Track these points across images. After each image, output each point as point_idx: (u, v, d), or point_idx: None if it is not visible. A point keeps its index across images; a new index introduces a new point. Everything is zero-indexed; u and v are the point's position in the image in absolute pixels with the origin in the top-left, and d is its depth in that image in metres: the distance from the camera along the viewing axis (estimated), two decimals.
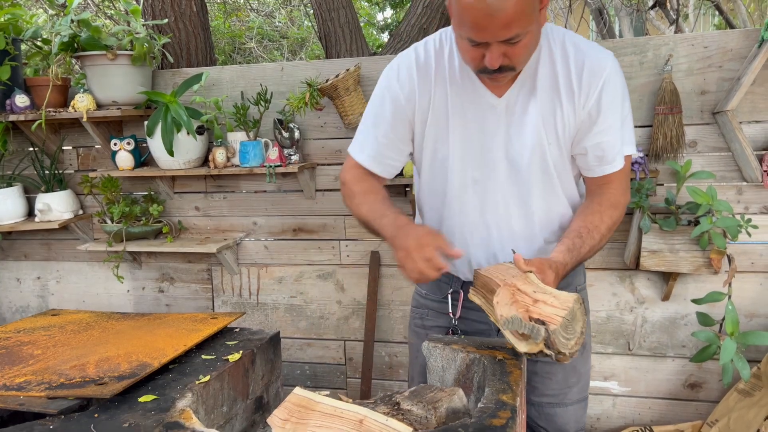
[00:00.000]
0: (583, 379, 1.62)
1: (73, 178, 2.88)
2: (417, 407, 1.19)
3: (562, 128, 1.38)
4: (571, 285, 1.58)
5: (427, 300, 1.66)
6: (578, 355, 1.58)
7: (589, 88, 1.34)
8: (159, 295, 2.91)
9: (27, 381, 1.22)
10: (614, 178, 1.42)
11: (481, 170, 1.43)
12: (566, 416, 1.59)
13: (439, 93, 1.40)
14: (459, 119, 1.40)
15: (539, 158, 1.40)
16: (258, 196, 2.73)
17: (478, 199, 1.45)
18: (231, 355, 1.42)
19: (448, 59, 1.40)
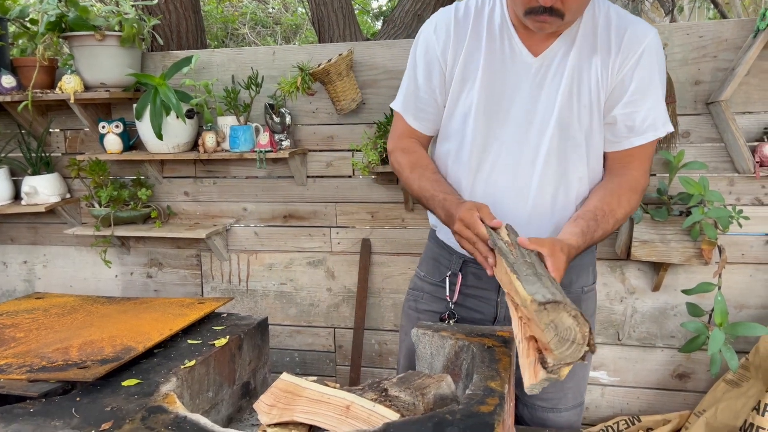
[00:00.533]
0: (580, 383, 1.57)
1: (61, 161, 2.84)
2: (405, 394, 1.18)
3: (598, 94, 1.35)
4: (576, 284, 1.53)
5: (425, 282, 1.62)
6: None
7: (627, 53, 1.32)
8: (147, 281, 2.89)
9: (8, 364, 1.20)
10: (638, 155, 1.39)
11: (505, 128, 1.39)
12: (559, 422, 1.55)
13: (473, 49, 1.38)
14: (488, 76, 1.37)
15: (565, 122, 1.36)
16: (248, 182, 2.71)
17: (498, 157, 1.41)
18: (218, 340, 1.40)
19: (488, 16, 1.39)
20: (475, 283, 1.54)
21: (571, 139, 1.37)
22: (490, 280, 1.49)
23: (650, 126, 1.36)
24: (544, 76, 1.36)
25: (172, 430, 0.97)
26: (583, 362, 1.02)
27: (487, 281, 1.52)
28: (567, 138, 1.37)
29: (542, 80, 1.36)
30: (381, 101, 2.48)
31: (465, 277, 1.54)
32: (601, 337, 2.45)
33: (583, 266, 1.54)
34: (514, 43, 1.36)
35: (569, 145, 1.38)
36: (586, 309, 1.55)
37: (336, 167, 2.60)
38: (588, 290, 1.56)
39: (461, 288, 1.54)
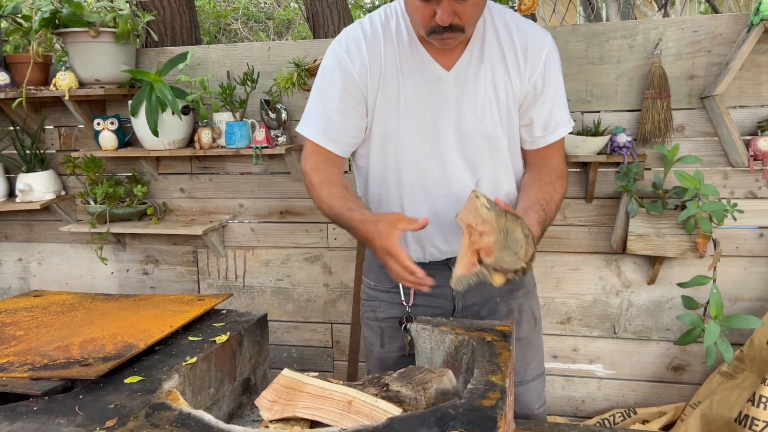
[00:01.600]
0: (539, 353, 1.64)
1: (55, 158, 2.83)
2: (406, 388, 1.19)
3: (513, 99, 1.42)
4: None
5: (377, 291, 1.61)
6: (531, 330, 1.60)
7: (534, 60, 1.39)
8: (144, 278, 2.88)
9: (9, 362, 1.20)
10: (556, 149, 1.50)
11: (432, 143, 1.42)
12: (529, 394, 1.60)
13: (389, 66, 1.38)
14: (410, 92, 1.39)
15: (490, 131, 1.42)
16: (244, 178, 2.70)
17: (429, 172, 1.45)
18: (218, 336, 1.40)
19: (396, 32, 1.39)
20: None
21: (497, 144, 1.45)
22: (443, 277, 1.46)
23: (560, 124, 1.47)
24: (463, 90, 1.40)
25: (177, 427, 0.97)
26: (515, 278, 1.15)
27: (440, 278, 1.47)
28: (493, 144, 1.44)
29: (460, 93, 1.40)
30: None
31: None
32: (597, 330, 2.47)
33: None
34: (425, 59, 1.39)
35: (496, 150, 1.46)
36: (529, 282, 1.64)
37: None
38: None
39: (415, 290, 1.54)
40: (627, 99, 2.28)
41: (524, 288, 1.60)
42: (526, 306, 1.60)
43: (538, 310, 1.66)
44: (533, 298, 1.64)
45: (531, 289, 1.64)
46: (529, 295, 1.62)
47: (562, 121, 1.47)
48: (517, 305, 1.58)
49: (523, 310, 1.59)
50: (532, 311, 1.62)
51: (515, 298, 1.58)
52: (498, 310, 1.57)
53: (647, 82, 2.21)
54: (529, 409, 1.59)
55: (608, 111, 2.31)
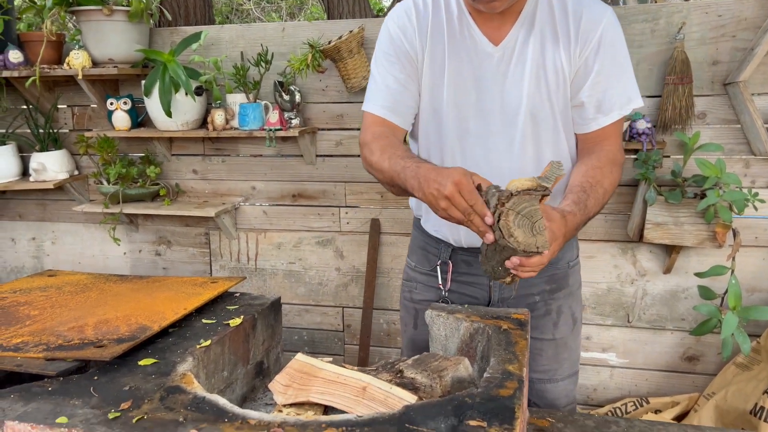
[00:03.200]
0: (573, 354, 1.60)
1: (69, 138, 2.83)
2: (421, 375, 1.18)
3: (563, 77, 1.35)
4: (563, 260, 1.55)
5: (416, 273, 1.63)
6: (569, 332, 1.57)
7: (586, 38, 1.32)
8: (156, 258, 2.88)
9: (24, 342, 1.20)
10: (611, 133, 1.39)
11: (476, 120, 1.39)
12: (556, 392, 1.58)
13: (436, 41, 1.37)
14: (454, 68, 1.36)
15: (536, 109, 1.36)
16: (257, 160, 2.69)
17: (472, 150, 1.41)
18: (232, 319, 1.40)
19: (445, 8, 1.38)
20: (467, 270, 1.55)
21: (543, 123, 1.38)
22: (480, 266, 1.49)
23: (616, 105, 1.36)
24: (507, 65, 1.35)
25: (192, 410, 0.97)
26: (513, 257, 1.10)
27: (478, 267, 1.53)
28: (539, 123, 1.38)
29: (506, 69, 1.35)
30: None
31: (456, 265, 1.55)
32: (611, 318, 2.44)
33: (568, 243, 1.56)
34: (474, 33, 1.36)
35: (542, 130, 1.39)
36: (573, 283, 1.58)
37: (346, 146, 2.58)
38: (573, 264, 1.59)
39: (453, 276, 1.55)
40: (647, 84, 2.23)
41: (567, 289, 1.55)
42: (566, 307, 1.55)
43: (580, 312, 1.61)
44: (575, 300, 1.59)
45: (574, 291, 1.58)
46: (572, 297, 1.57)
47: (618, 102, 1.36)
48: (556, 306, 1.54)
49: (563, 311, 1.55)
50: (572, 312, 1.57)
51: (555, 299, 1.54)
52: (536, 308, 1.53)
53: (669, 68, 2.16)
54: (555, 406, 1.58)
55: None
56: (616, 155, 1.38)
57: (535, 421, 1.37)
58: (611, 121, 1.37)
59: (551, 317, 1.55)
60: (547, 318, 1.55)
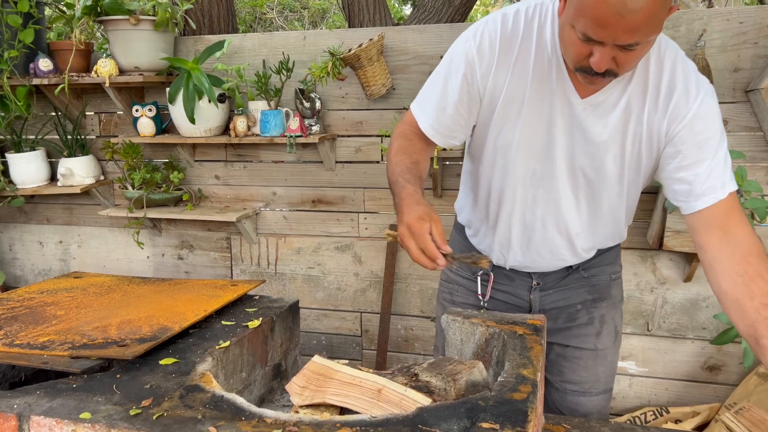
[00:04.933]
0: (611, 368, 1.59)
1: (95, 144, 2.90)
2: (436, 379, 1.19)
3: (644, 144, 1.27)
4: (605, 272, 1.54)
5: (458, 276, 1.63)
6: (611, 343, 1.56)
7: (675, 117, 1.23)
8: (178, 262, 2.93)
9: (50, 340, 1.24)
10: (724, 214, 1.21)
11: (542, 165, 1.34)
12: (590, 406, 1.56)
13: (519, 77, 1.27)
14: (533, 108, 1.28)
15: (605, 170, 1.31)
16: (278, 166, 2.73)
17: (530, 192, 1.38)
18: (251, 321, 1.42)
19: (537, 36, 1.25)
20: (507, 282, 1.56)
21: (608, 183, 1.34)
22: (522, 282, 1.53)
23: (709, 188, 1.22)
24: (588, 120, 1.27)
25: (210, 409, 0.99)
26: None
27: (520, 282, 1.54)
28: (604, 184, 1.34)
29: (585, 124, 1.28)
30: (411, 87, 2.47)
31: (497, 277, 1.55)
32: (630, 327, 2.43)
33: (610, 257, 1.56)
34: (563, 78, 1.25)
35: (605, 190, 1.35)
36: (615, 294, 1.57)
37: (365, 152, 2.60)
38: (616, 278, 1.58)
39: (493, 285, 1.56)
40: None
41: (610, 300, 1.55)
42: (608, 318, 1.55)
43: (621, 325, 1.60)
44: (618, 312, 1.57)
45: (617, 303, 1.57)
46: (614, 308, 1.56)
47: (713, 186, 1.22)
48: (599, 315, 1.53)
49: (606, 321, 1.54)
50: (615, 324, 1.56)
51: (598, 308, 1.53)
52: (577, 317, 1.53)
53: None
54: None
55: None
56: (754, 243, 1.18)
57: (551, 428, 1.37)
58: (703, 206, 1.22)
59: (594, 326, 1.54)
60: (589, 327, 1.53)
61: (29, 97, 2.69)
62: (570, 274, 1.52)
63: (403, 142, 1.38)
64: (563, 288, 1.53)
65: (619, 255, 1.61)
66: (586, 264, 1.52)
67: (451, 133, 1.36)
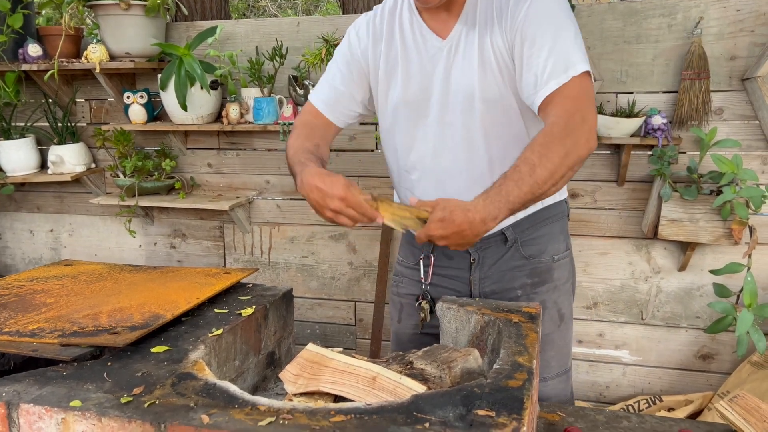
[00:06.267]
0: (561, 352, 1.57)
1: (86, 131, 2.86)
2: (431, 366, 1.18)
3: (503, 61, 1.35)
4: (546, 253, 1.52)
5: (403, 267, 1.65)
6: (554, 328, 1.54)
7: (514, 13, 1.31)
8: (171, 251, 2.91)
9: (40, 328, 1.22)
10: (555, 100, 1.25)
11: (434, 111, 1.42)
12: (545, 391, 1.55)
13: (390, 45, 1.46)
14: (407, 65, 1.44)
15: (488, 95, 1.37)
16: (271, 155, 2.70)
17: (427, 142, 1.45)
18: (244, 309, 1.41)
19: (399, 14, 1.46)
20: (447, 263, 1.56)
21: (501, 111, 1.39)
22: (461, 259, 1.55)
23: (551, 74, 1.26)
24: (455, 56, 1.38)
25: (203, 396, 0.98)
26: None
27: (459, 261, 1.55)
28: (496, 111, 1.38)
29: (453, 60, 1.39)
30: None
31: (437, 259, 1.56)
32: (624, 316, 2.43)
33: (552, 234, 1.55)
34: (423, 30, 1.42)
35: (501, 118, 1.39)
36: (559, 277, 1.55)
37: (359, 141, 2.58)
38: (559, 258, 1.55)
39: (434, 269, 1.55)
40: (664, 80, 2.21)
41: (551, 283, 1.53)
42: (550, 302, 1.53)
43: (568, 308, 1.57)
44: (562, 295, 1.56)
45: (560, 285, 1.55)
46: (557, 291, 1.55)
47: (554, 71, 1.25)
48: (539, 300, 1.52)
49: (547, 306, 1.53)
50: (558, 308, 1.55)
51: (538, 293, 1.52)
52: (518, 302, 1.53)
53: (686, 63, 2.14)
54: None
55: (644, 92, 2.24)
56: (555, 123, 1.22)
57: (546, 415, 1.37)
58: (548, 92, 1.26)
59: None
60: None
61: (18, 83, 2.65)
62: (508, 251, 1.52)
63: (303, 129, 1.51)
64: (503, 269, 1.52)
65: (563, 232, 1.58)
66: (524, 238, 1.51)
67: (342, 109, 1.53)
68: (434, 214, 1.19)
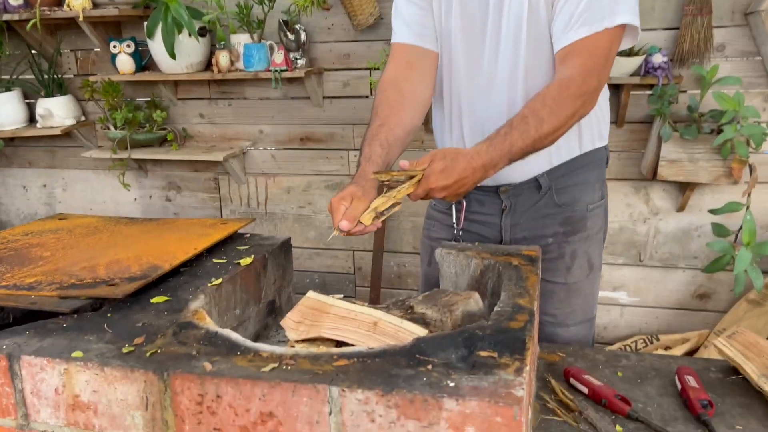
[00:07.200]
0: (588, 300, 1.56)
1: (73, 83, 2.80)
2: (431, 311, 1.18)
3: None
4: (580, 202, 1.49)
5: (435, 211, 1.62)
6: (583, 277, 1.52)
7: None
8: (166, 204, 2.89)
9: (37, 281, 1.21)
10: (577, 50, 1.21)
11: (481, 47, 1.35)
12: (567, 336, 1.54)
13: None
14: None
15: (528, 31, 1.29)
16: (263, 103, 2.65)
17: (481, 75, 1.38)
18: (243, 259, 1.40)
19: None
20: (478, 209, 1.54)
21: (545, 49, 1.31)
22: (492, 205, 1.51)
23: (585, 20, 1.19)
24: None
25: (204, 344, 0.97)
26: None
27: (490, 207, 1.51)
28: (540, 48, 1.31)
29: None
30: None
31: (469, 204, 1.53)
32: (622, 258, 2.44)
33: (588, 183, 1.49)
34: None
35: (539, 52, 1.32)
36: (592, 226, 1.51)
37: (353, 87, 2.53)
38: (594, 207, 1.51)
39: (466, 215, 1.52)
40: (664, 16, 2.15)
41: (583, 233, 1.49)
42: (581, 252, 1.50)
43: (598, 258, 1.54)
44: (593, 243, 1.52)
45: (593, 235, 1.51)
46: (589, 240, 1.51)
47: (593, 16, 1.18)
48: (570, 250, 1.49)
49: (577, 256, 1.50)
50: (588, 257, 1.52)
51: (569, 242, 1.49)
52: (548, 251, 1.49)
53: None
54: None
55: (643, 29, 2.15)
56: (572, 79, 1.20)
57: (546, 356, 1.38)
58: (575, 38, 1.19)
59: (564, 261, 1.50)
60: (560, 261, 1.50)
61: (1, 34, 2.57)
62: (542, 198, 1.48)
63: (379, 96, 1.39)
64: (535, 216, 1.50)
65: (600, 180, 1.54)
66: (559, 186, 1.47)
67: (430, 32, 1.39)
68: (433, 165, 1.16)
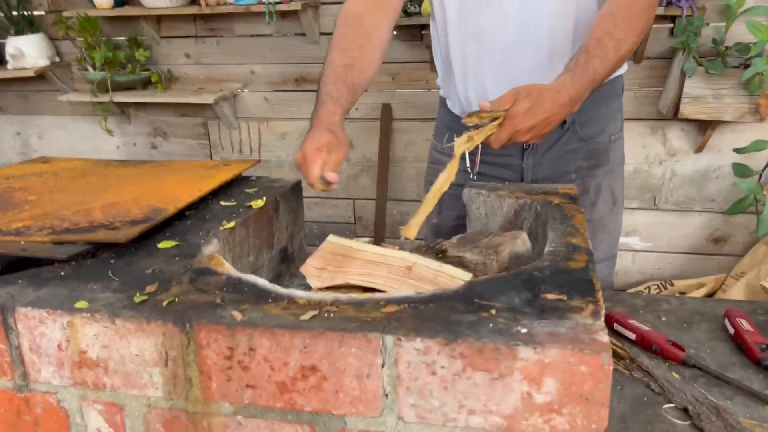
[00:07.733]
0: (612, 236, 1.51)
1: (45, 20, 2.57)
2: (471, 253, 1.07)
3: None
4: (604, 132, 1.41)
5: (442, 155, 1.51)
6: (608, 211, 1.46)
7: None
8: (152, 152, 2.72)
9: (26, 226, 1.07)
10: None
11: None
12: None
13: None
14: None
15: None
16: (255, 41, 2.46)
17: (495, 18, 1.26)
18: (253, 201, 1.26)
19: None
20: (496, 151, 1.41)
21: None
22: (512, 146, 1.39)
23: None
24: None
25: (229, 292, 0.85)
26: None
27: (509, 148, 1.39)
28: None
29: None
30: None
31: (484, 145, 1.41)
32: (636, 201, 2.35)
33: (611, 113, 1.43)
34: None
35: None
36: (614, 159, 1.44)
37: None
38: (616, 138, 1.44)
39: (482, 157, 1.41)
40: None
41: (607, 165, 1.43)
42: (605, 185, 1.44)
43: (621, 191, 1.50)
44: (616, 177, 1.47)
45: (615, 168, 1.46)
46: (612, 174, 1.45)
47: None
48: (594, 184, 1.42)
49: (602, 189, 1.44)
50: (612, 191, 1.46)
51: (594, 176, 1.42)
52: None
53: None
54: None
55: None
56: None
57: None
58: None
59: (589, 197, 1.43)
60: (584, 197, 1.43)
61: None
62: (565, 133, 1.39)
63: (343, 30, 1.25)
64: (558, 153, 1.41)
65: (620, 110, 1.47)
66: (583, 118, 1.38)
67: None
68: (518, 105, 1.05)
